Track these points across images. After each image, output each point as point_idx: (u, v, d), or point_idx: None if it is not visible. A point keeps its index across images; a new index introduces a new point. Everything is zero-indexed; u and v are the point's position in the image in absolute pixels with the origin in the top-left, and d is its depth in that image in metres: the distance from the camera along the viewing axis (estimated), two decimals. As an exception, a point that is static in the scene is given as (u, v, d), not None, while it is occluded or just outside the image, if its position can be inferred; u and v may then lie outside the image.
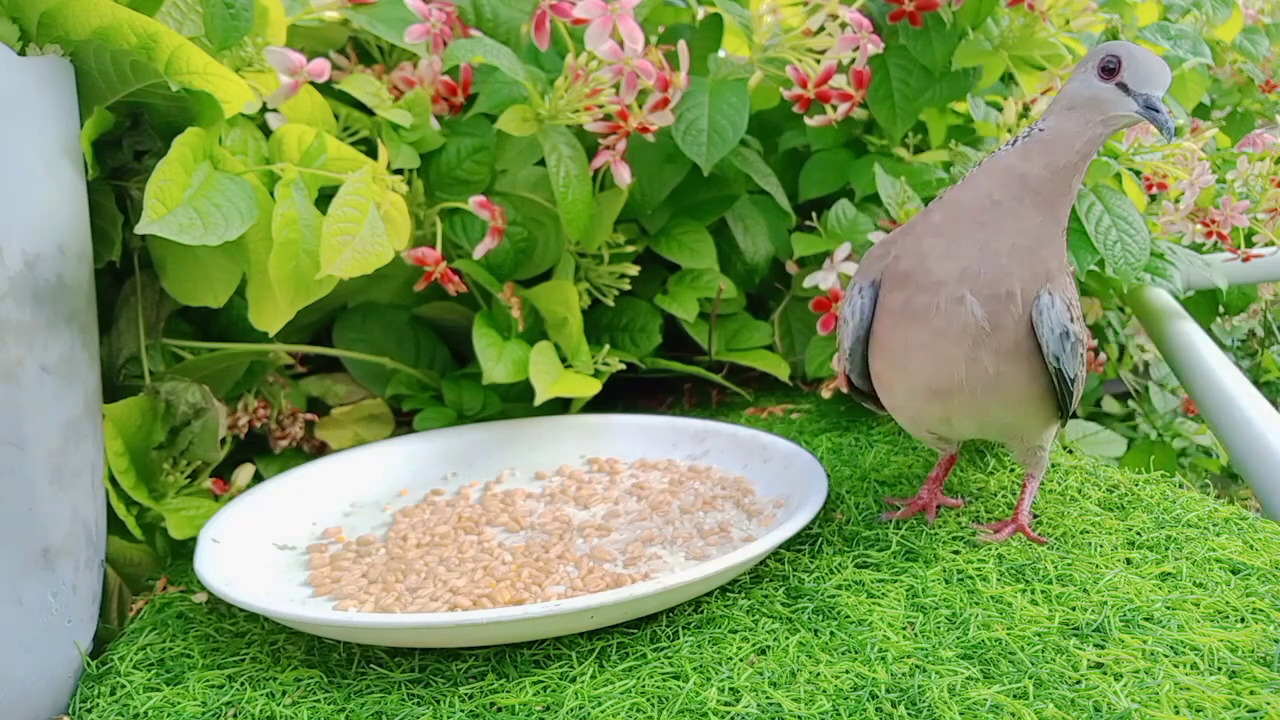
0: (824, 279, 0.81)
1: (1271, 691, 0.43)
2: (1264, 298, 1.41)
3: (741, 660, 0.49)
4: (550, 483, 0.73)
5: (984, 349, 0.54)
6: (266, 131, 0.68)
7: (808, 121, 0.82)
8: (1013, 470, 0.69)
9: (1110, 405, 1.37)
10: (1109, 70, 0.52)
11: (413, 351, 0.88)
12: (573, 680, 0.49)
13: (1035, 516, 0.61)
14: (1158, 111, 0.51)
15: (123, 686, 0.53)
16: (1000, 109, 0.80)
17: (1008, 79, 0.91)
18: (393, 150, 0.74)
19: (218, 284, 0.66)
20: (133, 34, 0.56)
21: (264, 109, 0.69)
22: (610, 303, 0.85)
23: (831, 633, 0.51)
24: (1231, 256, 0.83)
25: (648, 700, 0.46)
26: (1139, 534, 0.58)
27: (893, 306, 0.56)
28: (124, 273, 0.70)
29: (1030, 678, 0.45)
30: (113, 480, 0.63)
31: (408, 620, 0.49)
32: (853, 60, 0.77)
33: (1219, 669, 0.45)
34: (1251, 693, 0.43)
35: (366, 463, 0.74)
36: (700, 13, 0.92)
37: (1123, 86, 0.52)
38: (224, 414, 0.72)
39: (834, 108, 0.79)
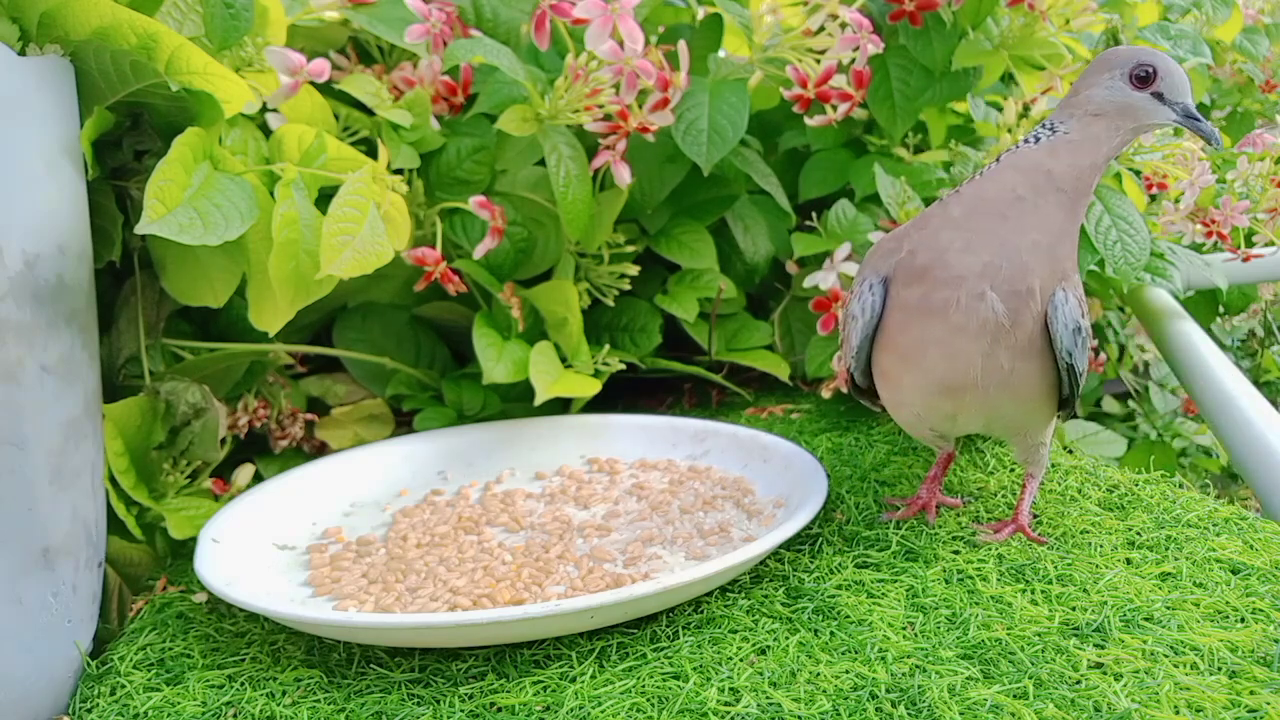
0: (824, 279, 0.81)
1: (1271, 691, 0.43)
2: (1264, 298, 1.41)
3: (741, 660, 0.49)
4: (550, 483, 0.73)
5: (1001, 345, 0.54)
6: (266, 131, 0.68)
7: (808, 121, 0.82)
8: (1013, 470, 0.69)
9: (1110, 405, 1.37)
10: (1142, 79, 0.52)
11: (413, 351, 0.88)
12: (573, 680, 0.49)
13: (1035, 516, 0.61)
14: (1199, 120, 0.52)
15: (123, 686, 0.53)
16: (1000, 109, 0.80)
17: (1008, 79, 0.91)
18: (393, 150, 0.74)
19: (218, 284, 0.66)
20: (133, 34, 0.56)
21: (264, 109, 0.69)
22: (610, 303, 0.85)
23: (831, 633, 0.51)
24: (1231, 256, 0.83)
25: (648, 700, 0.46)
26: (1139, 534, 0.58)
27: (907, 302, 0.56)
28: (124, 273, 0.70)
29: (1030, 678, 0.45)
30: (113, 480, 0.63)
31: (408, 620, 0.49)
32: (853, 60, 0.77)
33: (1219, 669, 0.45)
34: (1251, 693, 0.43)
35: (366, 463, 0.74)
36: (700, 13, 0.92)
37: (1158, 96, 0.53)
38: (224, 414, 0.72)
39: (834, 108, 0.79)
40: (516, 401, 0.83)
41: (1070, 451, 0.74)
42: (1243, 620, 0.49)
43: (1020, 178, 0.54)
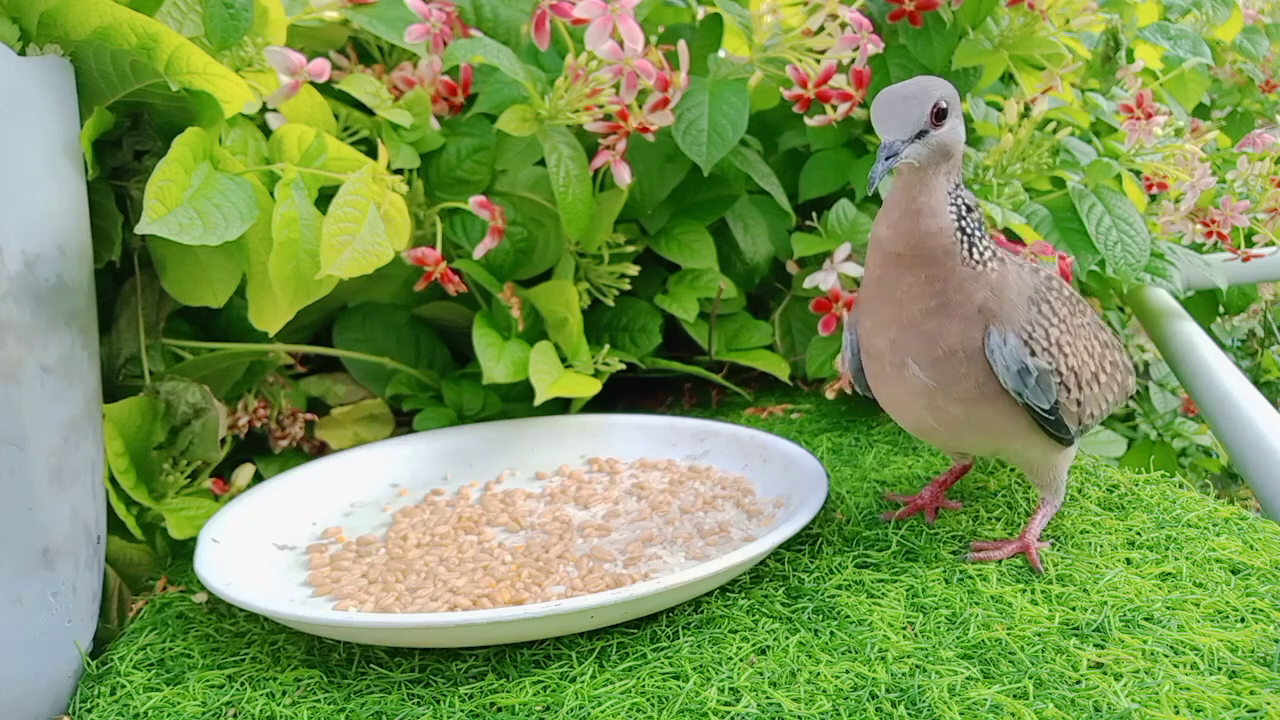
0: (824, 279, 0.80)
1: (1271, 691, 0.43)
2: (1264, 298, 1.41)
3: (741, 660, 0.49)
4: (550, 483, 0.73)
5: (942, 399, 0.54)
6: (266, 131, 0.68)
7: (808, 121, 0.82)
8: (1013, 470, 0.69)
9: (1110, 405, 1.37)
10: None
11: (413, 351, 0.88)
12: (573, 680, 0.49)
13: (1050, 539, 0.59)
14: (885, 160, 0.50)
15: (123, 686, 0.53)
16: (1000, 109, 0.80)
17: (1008, 79, 0.91)
18: (393, 150, 0.74)
19: (218, 284, 0.66)
20: (133, 34, 0.56)
21: (264, 109, 0.69)
22: (610, 303, 0.85)
23: (831, 633, 0.51)
24: (1231, 256, 0.83)
25: (648, 700, 0.46)
26: (1139, 534, 0.58)
27: (863, 362, 0.58)
28: (124, 273, 0.70)
29: (1030, 678, 0.45)
30: (113, 480, 0.63)
31: (408, 620, 0.49)
32: (853, 60, 0.77)
33: (1219, 669, 0.45)
34: (1251, 693, 0.43)
35: (366, 463, 0.74)
36: (700, 13, 0.92)
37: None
38: (224, 414, 0.72)
39: (834, 108, 0.79)
40: (516, 401, 0.83)
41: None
42: (1243, 620, 0.49)
43: (872, 257, 0.54)
